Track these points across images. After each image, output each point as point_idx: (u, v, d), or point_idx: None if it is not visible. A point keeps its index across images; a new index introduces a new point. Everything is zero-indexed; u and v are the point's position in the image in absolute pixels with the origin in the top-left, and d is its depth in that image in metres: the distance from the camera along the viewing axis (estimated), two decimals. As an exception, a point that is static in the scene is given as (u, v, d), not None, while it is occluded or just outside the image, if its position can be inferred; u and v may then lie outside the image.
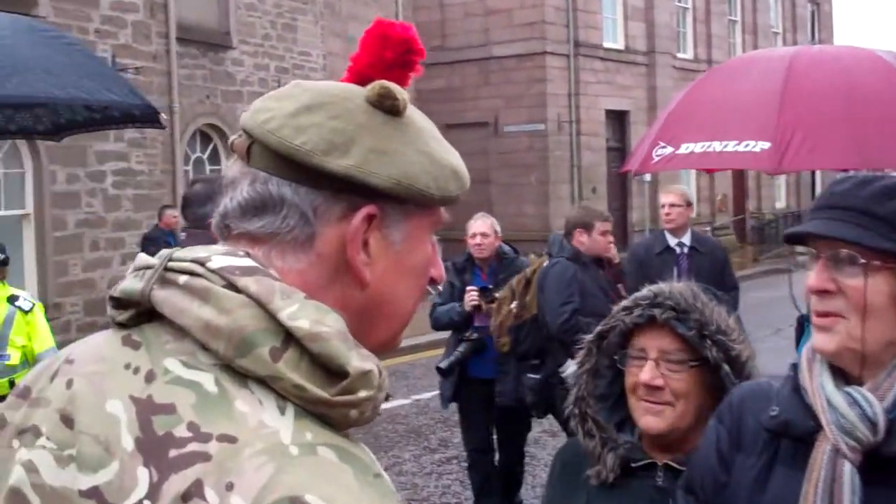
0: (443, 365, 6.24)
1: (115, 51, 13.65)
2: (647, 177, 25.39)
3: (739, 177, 30.87)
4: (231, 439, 0.94)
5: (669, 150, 4.61)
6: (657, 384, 2.05)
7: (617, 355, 2.14)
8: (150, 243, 11.78)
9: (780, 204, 33.87)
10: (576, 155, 23.51)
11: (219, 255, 1.05)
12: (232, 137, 1.14)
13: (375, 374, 1.01)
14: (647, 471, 2.13)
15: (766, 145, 4.22)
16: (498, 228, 6.44)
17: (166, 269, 1.06)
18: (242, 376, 0.99)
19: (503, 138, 23.32)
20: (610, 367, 2.17)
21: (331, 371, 0.99)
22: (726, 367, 2.04)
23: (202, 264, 1.04)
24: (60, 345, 11.49)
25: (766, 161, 4.21)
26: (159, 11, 14.44)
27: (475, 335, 6.18)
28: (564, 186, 23.36)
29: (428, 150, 1.13)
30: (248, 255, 1.06)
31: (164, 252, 1.09)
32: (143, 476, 0.95)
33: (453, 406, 6.55)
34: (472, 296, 6.12)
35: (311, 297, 1.03)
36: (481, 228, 6.35)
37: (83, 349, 1.13)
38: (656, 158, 4.65)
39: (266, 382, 0.98)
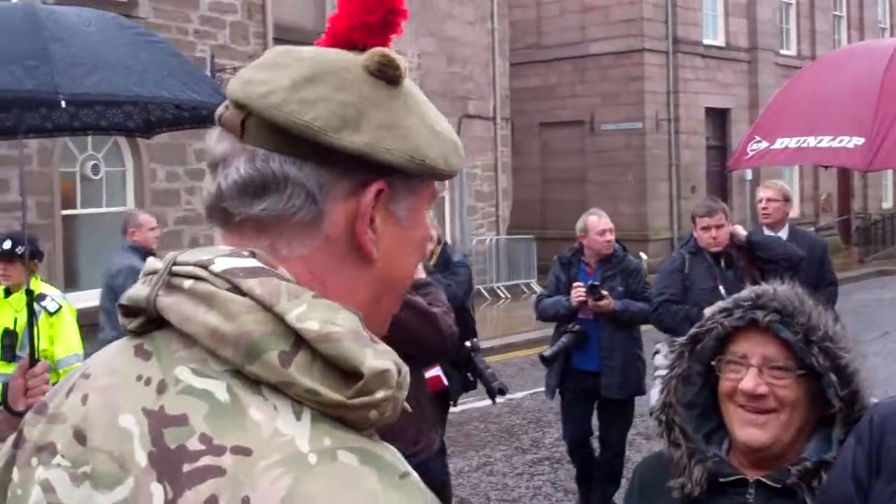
0: (546, 354, 6.36)
1: (213, 51, 13.86)
2: (749, 175, 24.85)
3: (844, 175, 29.99)
4: (245, 451, 0.89)
5: (764, 144, 4.43)
6: (761, 392, 1.87)
7: (714, 360, 1.96)
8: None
9: (888, 204, 32.81)
10: (674, 153, 23.11)
11: (222, 258, 0.99)
12: (219, 110, 1.05)
13: (394, 373, 0.95)
14: (736, 487, 1.94)
15: (860, 141, 4.01)
16: (611, 226, 6.50)
17: (171, 273, 1.00)
18: (255, 382, 0.94)
19: (599, 137, 23.05)
20: (701, 373, 1.99)
21: (345, 372, 0.93)
22: (833, 377, 1.85)
23: (205, 268, 0.98)
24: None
25: (858, 157, 4.01)
26: (257, 12, 14.62)
27: (577, 327, 6.28)
28: (662, 185, 22.98)
29: (430, 122, 1.07)
30: (253, 254, 0.99)
31: (170, 255, 1.03)
32: (157, 492, 0.91)
33: (546, 406, 6.56)
34: (579, 292, 6.21)
35: (321, 283, 1.00)
36: (610, 225, 6.49)
37: (98, 361, 1.08)
38: (750, 154, 4.46)
39: (276, 389, 0.93)
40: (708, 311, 2.46)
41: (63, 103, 3.42)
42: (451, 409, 6.35)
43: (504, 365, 12.56)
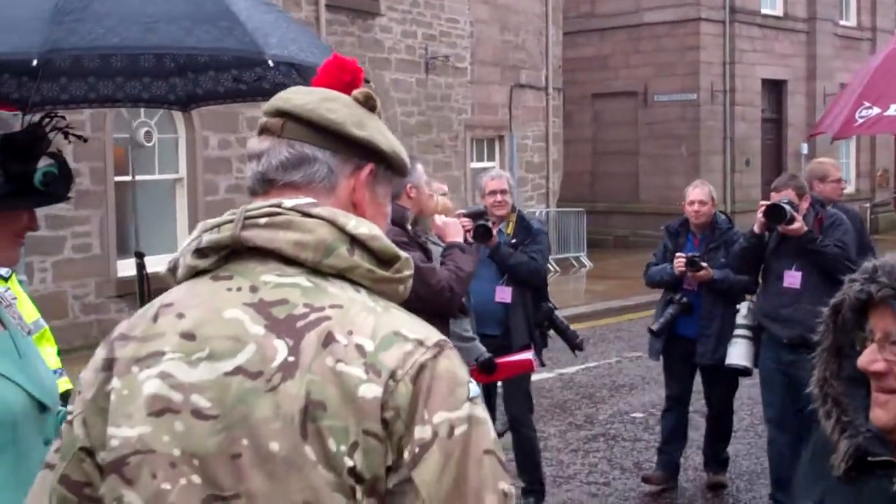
0: (654, 328, 6.67)
1: (266, 17, 13.77)
2: (805, 148, 24.37)
3: (903, 152, 29.34)
4: (339, 306, 1.40)
5: (876, 111, 4.10)
6: (877, 369, 1.73)
7: (853, 335, 1.82)
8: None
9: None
10: (729, 126, 22.68)
11: (288, 200, 1.48)
12: (262, 120, 1.55)
13: (410, 260, 1.51)
14: (885, 469, 1.77)
15: None
16: (715, 196, 6.65)
17: (246, 218, 1.47)
18: (323, 275, 1.43)
19: (652, 108, 22.67)
20: (853, 345, 1.85)
21: (382, 260, 1.46)
22: None
23: (279, 206, 1.46)
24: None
25: None
26: (310, -22, 14.48)
27: (684, 299, 6.53)
28: (716, 158, 22.59)
29: (392, 135, 1.61)
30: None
31: (240, 209, 1.49)
32: (280, 345, 1.36)
33: (599, 381, 6.61)
34: (679, 262, 6.43)
35: None
36: (699, 196, 6.56)
37: (175, 295, 1.48)
38: (860, 120, 4.13)
39: (341, 277, 1.44)
40: None
41: (270, 62, 3.48)
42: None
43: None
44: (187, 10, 3.38)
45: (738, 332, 6.27)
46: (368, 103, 1.58)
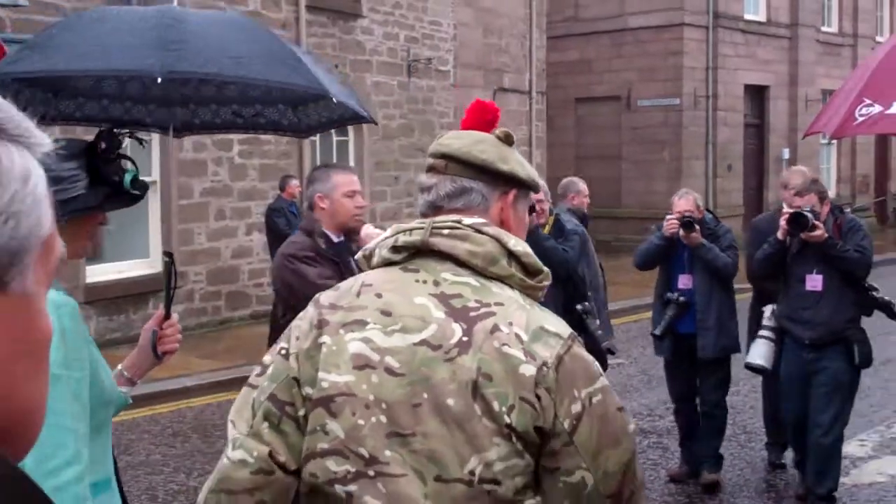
0: (657, 332, 6.84)
1: (246, 18, 13.58)
2: (786, 153, 24.37)
3: (882, 156, 29.40)
4: (501, 304, 1.84)
5: (877, 109, 3.85)
6: None
7: None
8: (276, 213, 11.67)
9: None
10: (711, 131, 22.65)
11: (466, 218, 1.92)
12: (429, 161, 2.01)
13: (549, 274, 1.98)
14: None
15: None
16: (700, 204, 6.88)
17: (434, 227, 1.90)
18: (487, 278, 1.88)
19: (636, 113, 22.61)
20: None
21: (530, 272, 1.91)
22: None
23: (460, 222, 1.90)
24: (183, 315, 11.48)
25: None
26: (291, -21, 14.30)
27: (681, 298, 6.77)
28: (698, 163, 22.54)
29: (526, 163, 2.06)
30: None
31: (427, 220, 1.93)
32: (456, 328, 1.81)
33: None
34: (672, 223, 6.62)
35: None
36: (686, 206, 6.77)
37: (373, 277, 1.94)
38: (860, 119, 3.89)
39: (500, 280, 1.89)
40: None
41: (159, 80, 3.77)
42: None
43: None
44: (262, 50, 4.05)
45: (762, 332, 6.55)
46: (508, 140, 2.03)
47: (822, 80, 26.36)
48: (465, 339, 1.80)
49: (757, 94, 24.49)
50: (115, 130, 2.88)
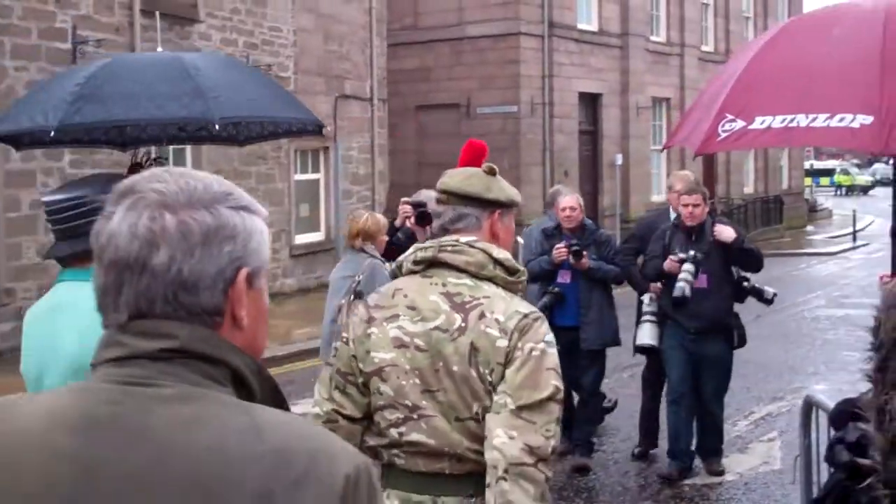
0: None
1: (75, 22, 13.09)
2: (619, 159, 25.14)
3: (709, 162, 30.68)
4: (487, 297, 2.67)
5: (740, 124, 3.87)
6: None
7: None
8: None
9: (749, 189, 33.80)
10: (548, 138, 23.17)
11: (463, 237, 2.74)
12: (437, 196, 2.88)
13: (525, 272, 2.83)
14: None
15: (868, 119, 3.59)
16: (582, 202, 7.61)
17: (440, 245, 2.73)
18: (480, 279, 2.69)
19: (475, 120, 22.90)
20: None
21: (510, 272, 2.72)
22: None
23: (458, 241, 2.72)
24: (9, 335, 10.89)
25: (867, 139, 3.59)
26: (124, -18, 13.85)
27: (556, 289, 7.31)
28: (536, 170, 23.02)
29: (507, 186, 2.87)
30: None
31: (436, 241, 2.77)
32: (457, 317, 2.64)
33: None
34: (562, 251, 7.23)
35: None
36: (571, 203, 7.50)
37: (402, 283, 2.79)
38: (723, 135, 3.90)
39: (489, 280, 2.70)
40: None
41: (217, 127, 4.87)
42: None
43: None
44: (265, 90, 5.26)
45: (645, 317, 7.33)
46: (491, 172, 2.84)
47: (652, 88, 27.37)
48: (462, 325, 2.67)
49: (590, 102, 25.21)
50: (146, 159, 3.93)
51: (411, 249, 2.83)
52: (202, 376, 1.27)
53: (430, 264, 2.76)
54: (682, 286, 6.81)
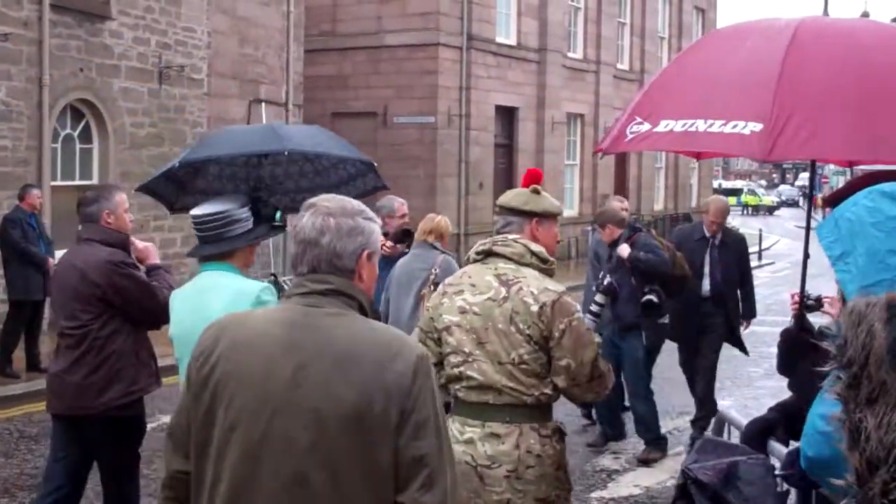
0: None
1: (-19, 15, 12.63)
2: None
3: (621, 177, 31.15)
4: (525, 277, 3.77)
5: (646, 127, 4.04)
6: None
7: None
8: (12, 225, 10.84)
9: (659, 206, 34.36)
10: (464, 149, 23.19)
11: (510, 236, 3.88)
12: (495, 210, 4.24)
13: (555, 263, 3.92)
14: None
15: (758, 127, 3.71)
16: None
17: (494, 242, 3.89)
18: (521, 265, 3.81)
19: (392, 129, 22.82)
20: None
21: (543, 261, 3.84)
22: None
23: (506, 238, 3.87)
24: None
25: (755, 145, 3.69)
26: (32, -24, 13.44)
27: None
28: (452, 181, 23.02)
29: (545, 201, 3.99)
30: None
31: (491, 238, 3.93)
32: (503, 290, 3.76)
33: None
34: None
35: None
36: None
37: (468, 268, 3.91)
38: (630, 136, 4.05)
39: (528, 265, 3.81)
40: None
41: (287, 153, 5.83)
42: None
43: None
44: (323, 140, 6.26)
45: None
46: (535, 191, 3.92)
47: (567, 104, 27.63)
48: (506, 295, 3.72)
49: (507, 115, 25.33)
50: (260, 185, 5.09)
51: (476, 245, 3.98)
52: (344, 303, 2.37)
53: (486, 255, 3.88)
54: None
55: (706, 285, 8.62)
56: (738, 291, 8.79)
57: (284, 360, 2.24)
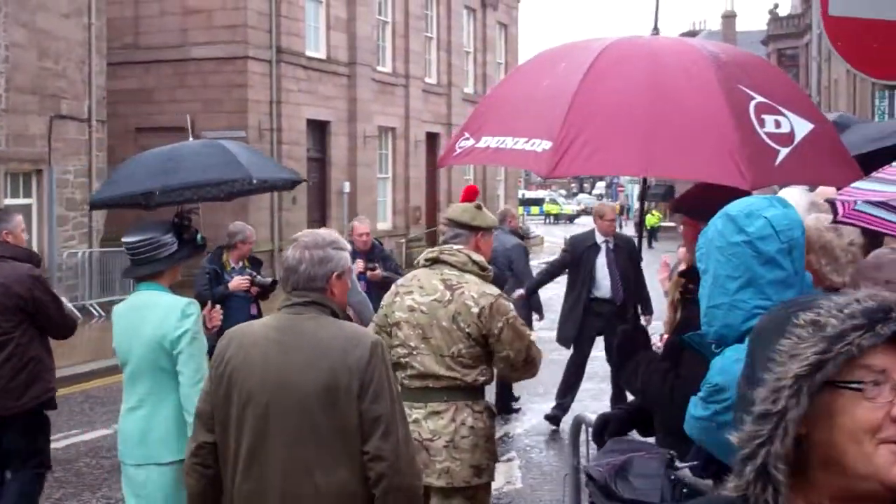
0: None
1: None
2: (347, 187, 25.27)
3: (432, 190, 31.51)
4: (467, 283, 4.49)
5: (471, 142, 4.22)
6: None
7: (840, 385, 1.49)
8: None
9: (470, 218, 34.87)
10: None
11: (455, 247, 4.61)
12: (443, 223, 4.93)
13: (491, 271, 4.73)
14: None
15: (548, 145, 3.84)
16: (368, 230, 9.85)
17: (441, 251, 4.64)
18: (463, 272, 4.54)
19: (201, 144, 22.23)
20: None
21: (482, 269, 4.58)
22: None
23: (452, 248, 4.61)
24: None
25: (543, 162, 3.81)
26: None
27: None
28: (264, 196, 22.57)
29: (488, 216, 4.81)
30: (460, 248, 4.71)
31: (438, 247, 4.68)
32: (448, 293, 4.48)
33: None
34: (375, 275, 9.37)
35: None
36: (365, 229, 9.72)
37: (417, 272, 4.64)
38: (458, 150, 4.24)
39: (469, 272, 4.54)
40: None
41: (255, 181, 6.69)
42: (56, 445, 7.33)
43: (104, 390, 11.56)
44: (223, 160, 6.64)
45: None
46: (478, 207, 4.70)
47: (379, 118, 27.73)
48: (450, 298, 4.39)
49: (318, 129, 25.17)
50: (183, 212, 5.01)
51: (425, 252, 4.71)
52: (319, 311, 3.21)
53: (434, 262, 4.57)
54: None
55: (605, 288, 9.57)
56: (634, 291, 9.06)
57: (276, 354, 3.17)
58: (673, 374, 3.50)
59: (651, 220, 44.31)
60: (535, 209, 69.25)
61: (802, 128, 4.00)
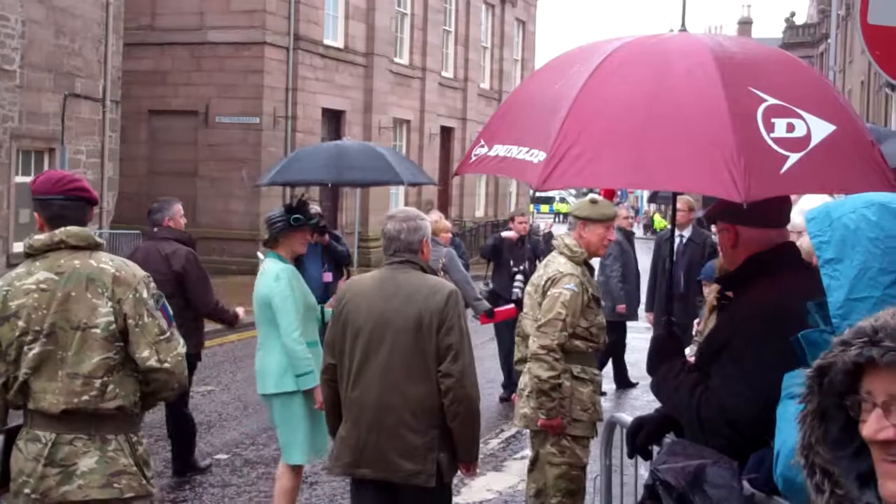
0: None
1: None
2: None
3: (445, 186, 31.33)
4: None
5: (484, 150, 4.13)
6: (886, 437, 1.54)
7: (847, 398, 1.61)
8: None
9: (480, 213, 34.80)
10: (290, 152, 22.66)
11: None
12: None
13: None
14: None
15: (542, 156, 3.70)
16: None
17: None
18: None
19: (214, 129, 22.13)
20: (840, 407, 1.64)
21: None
22: None
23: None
24: None
25: (536, 173, 3.66)
26: None
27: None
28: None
29: (589, 207, 6.03)
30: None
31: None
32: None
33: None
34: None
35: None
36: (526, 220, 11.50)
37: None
38: (473, 158, 4.19)
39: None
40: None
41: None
42: None
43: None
44: (381, 165, 10.23)
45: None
46: (592, 201, 6.04)
47: (394, 109, 27.55)
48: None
49: (333, 118, 25.00)
50: (301, 198, 6.22)
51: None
52: (412, 266, 4.40)
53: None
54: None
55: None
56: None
57: (378, 299, 4.32)
58: (702, 387, 3.38)
59: (660, 223, 44.04)
60: (544, 207, 69.12)
61: (821, 130, 3.78)
